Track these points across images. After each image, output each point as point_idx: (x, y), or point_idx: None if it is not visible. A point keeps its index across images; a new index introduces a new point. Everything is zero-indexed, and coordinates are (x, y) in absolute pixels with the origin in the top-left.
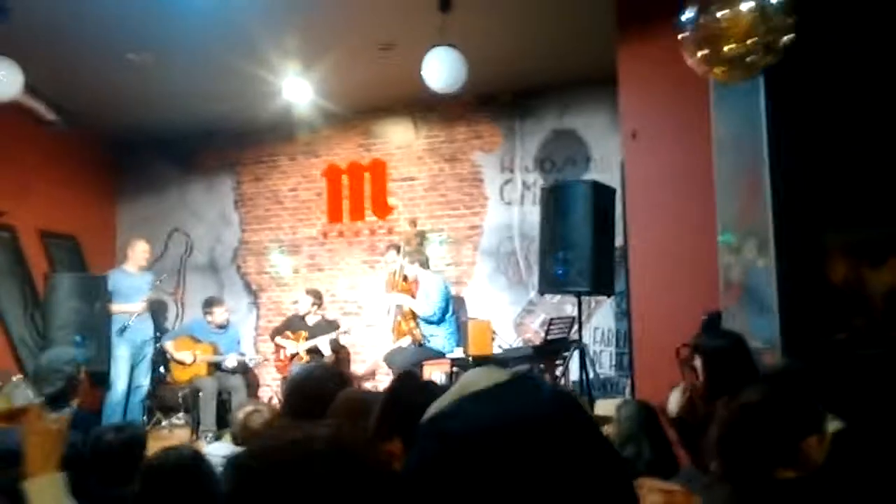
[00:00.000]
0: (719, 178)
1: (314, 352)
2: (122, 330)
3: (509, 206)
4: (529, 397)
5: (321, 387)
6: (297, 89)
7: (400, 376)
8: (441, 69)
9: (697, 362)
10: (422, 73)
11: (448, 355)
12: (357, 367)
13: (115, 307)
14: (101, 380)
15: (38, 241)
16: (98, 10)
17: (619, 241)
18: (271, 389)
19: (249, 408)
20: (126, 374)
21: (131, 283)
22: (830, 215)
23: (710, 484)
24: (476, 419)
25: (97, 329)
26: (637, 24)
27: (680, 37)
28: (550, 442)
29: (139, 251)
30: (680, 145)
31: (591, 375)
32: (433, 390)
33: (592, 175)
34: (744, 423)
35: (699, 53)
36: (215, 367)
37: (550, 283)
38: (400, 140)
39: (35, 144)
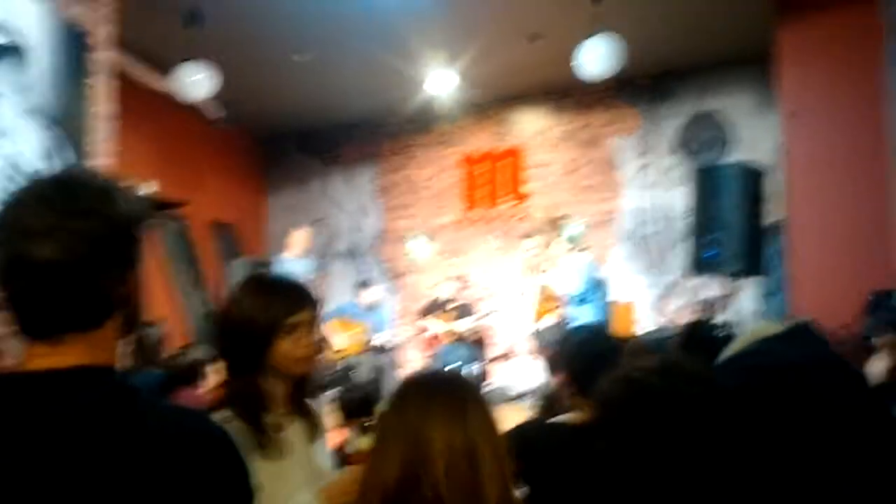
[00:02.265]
0: None
1: (456, 333)
2: None
3: (647, 189)
4: (814, 343)
5: (600, 343)
6: (441, 81)
7: (696, 321)
8: (599, 57)
9: (879, 340)
10: (578, 61)
11: None
12: (495, 349)
13: None
14: None
15: (207, 230)
16: (271, 14)
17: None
18: (413, 369)
19: None
20: None
21: (293, 267)
22: None
23: None
24: (775, 357)
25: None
26: (797, 3)
27: None
28: (838, 376)
29: (298, 238)
30: (846, 124)
31: None
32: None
33: (737, 156)
34: None
35: None
36: (365, 346)
37: (701, 265)
38: (535, 127)
39: (202, 140)
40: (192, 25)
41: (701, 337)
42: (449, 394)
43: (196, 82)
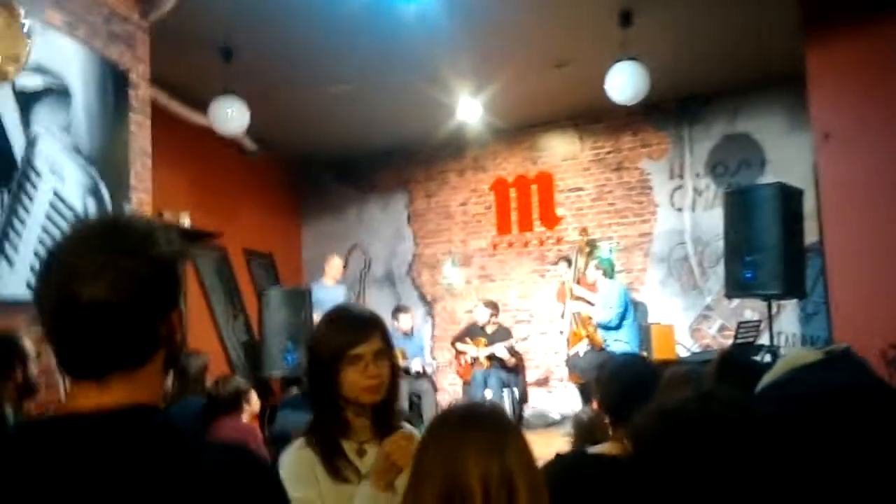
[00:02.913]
0: None
1: (493, 358)
2: None
3: (680, 212)
4: (853, 368)
5: (636, 372)
6: (469, 109)
7: (732, 347)
8: (626, 83)
9: None
10: (605, 87)
11: None
12: (531, 374)
13: (318, 318)
14: None
15: (243, 259)
16: (304, 49)
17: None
18: (449, 395)
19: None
20: None
21: (329, 295)
22: None
23: None
24: (814, 385)
25: (303, 337)
26: (825, 25)
27: None
28: (878, 402)
29: (334, 266)
30: (880, 145)
31: None
32: (759, 363)
33: (770, 177)
34: None
35: None
36: (404, 372)
37: (738, 287)
38: (566, 152)
39: (238, 172)
40: (227, 61)
41: (736, 365)
42: (485, 426)
43: (231, 117)
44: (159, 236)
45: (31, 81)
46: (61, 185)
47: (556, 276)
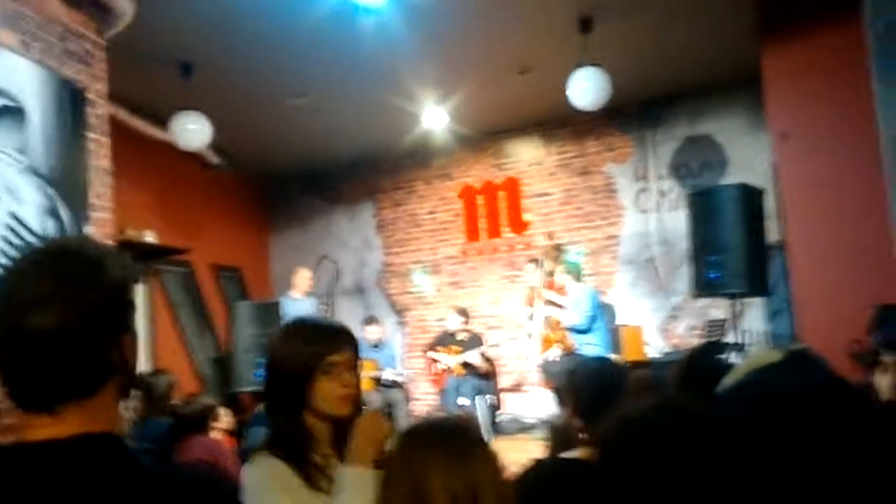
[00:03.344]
0: (893, 174)
1: (466, 365)
2: None
3: (646, 214)
4: (814, 368)
5: (606, 377)
6: (434, 117)
7: (696, 349)
8: (587, 89)
9: (887, 357)
10: (567, 93)
11: None
12: (504, 380)
13: None
14: None
15: (211, 274)
16: (264, 62)
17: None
18: (422, 404)
19: (440, 416)
20: None
21: (298, 307)
22: None
23: None
24: (775, 386)
25: None
26: (780, 26)
27: None
28: (839, 403)
29: (301, 278)
30: (837, 143)
31: None
32: (722, 364)
33: (732, 177)
34: None
35: None
36: (376, 382)
37: (704, 287)
38: (531, 157)
39: (203, 186)
40: (187, 76)
41: (698, 369)
42: (450, 441)
43: (193, 131)
44: (109, 261)
45: None
46: (18, 206)
47: (525, 281)
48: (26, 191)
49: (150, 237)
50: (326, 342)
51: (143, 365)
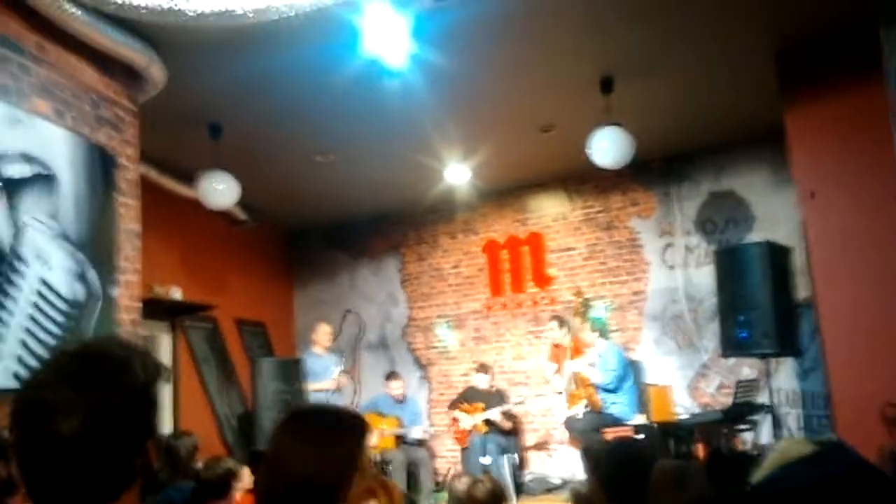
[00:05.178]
0: None
1: (489, 423)
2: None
3: (672, 269)
4: (846, 461)
5: (638, 461)
6: (458, 174)
7: (716, 449)
8: (609, 148)
9: None
10: (589, 151)
11: (629, 422)
12: (529, 437)
13: (310, 387)
14: None
15: (235, 329)
16: (290, 121)
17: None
18: (447, 461)
19: (466, 478)
20: None
21: (321, 363)
22: None
23: None
24: (806, 481)
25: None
26: (803, 85)
27: None
28: (872, 497)
29: (322, 333)
30: (864, 201)
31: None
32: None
33: (758, 233)
34: None
35: None
36: (401, 440)
37: (734, 347)
38: (555, 212)
39: (228, 242)
40: (215, 137)
41: (724, 461)
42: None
43: (221, 191)
44: (134, 363)
45: (17, 170)
46: (48, 271)
47: (549, 337)
48: (56, 256)
49: (176, 293)
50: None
51: (166, 420)
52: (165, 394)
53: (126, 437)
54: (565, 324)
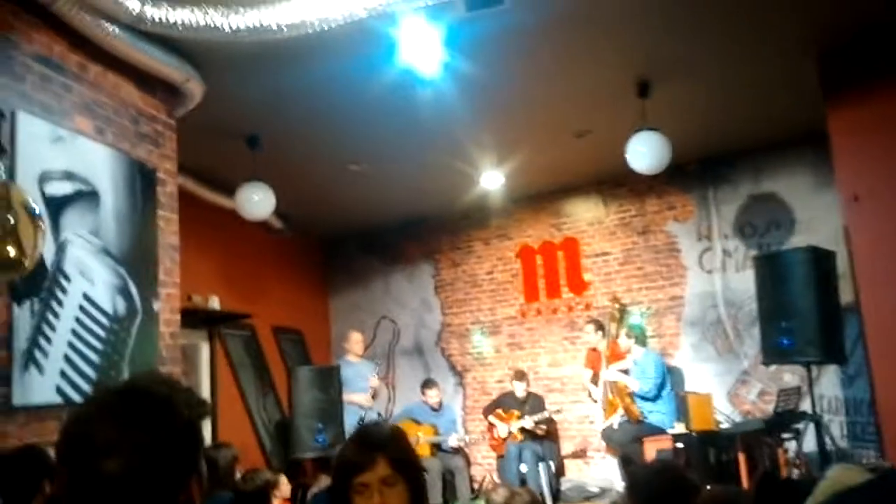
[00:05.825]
0: None
1: (526, 431)
2: (361, 421)
3: (710, 274)
4: None
5: (683, 489)
6: (492, 179)
7: (765, 473)
8: (646, 153)
9: None
10: (626, 157)
11: (669, 431)
12: (566, 445)
13: (346, 396)
14: None
15: (272, 337)
16: (326, 131)
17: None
18: (483, 468)
19: (504, 490)
20: None
21: (355, 371)
22: None
23: None
24: None
25: (333, 416)
26: (846, 86)
27: None
28: None
29: (354, 342)
30: None
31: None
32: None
33: (799, 237)
34: None
35: None
36: (437, 448)
37: (776, 354)
38: (590, 217)
39: (265, 250)
40: (253, 148)
41: (774, 487)
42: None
43: (257, 202)
44: (177, 401)
45: (59, 188)
46: (90, 287)
47: (585, 342)
48: (98, 271)
49: (214, 302)
50: (355, 460)
51: (205, 426)
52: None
53: (169, 475)
54: (602, 328)
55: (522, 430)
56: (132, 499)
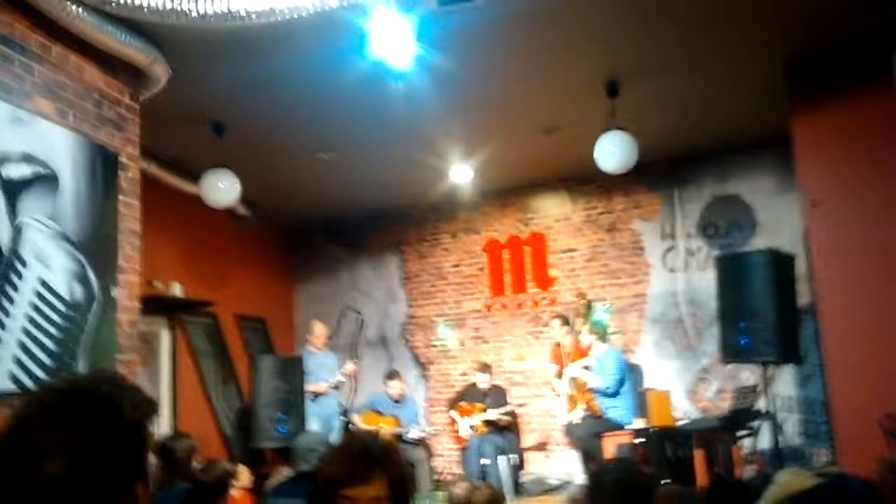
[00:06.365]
0: None
1: (490, 423)
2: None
3: (673, 273)
4: (847, 495)
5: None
6: (460, 173)
7: (718, 476)
8: (614, 152)
9: None
10: (595, 156)
11: (628, 427)
12: (528, 438)
13: (309, 386)
14: None
15: (235, 325)
16: (293, 119)
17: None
18: (444, 460)
19: (465, 484)
20: None
21: (318, 361)
22: None
23: None
24: None
25: (295, 405)
26: (811, 93)
27: None
28: None
29: (317, 331)
30: (869, 211)
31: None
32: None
33: (761, 238)
34: None
35: None
36: (398, 440)
37: (734, 354)
38: (558, 213)
39: (229, 238)
40: (218, 134)
41: (726, 489)
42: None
43: (222, 189)
44: (124, 401)
45: (17, 171)
46: (47, 272)
47: (550, 337)
48: (56, 257)
49: (176, 289)
50: (351, 474)
51: (165, 414)
52: (164, 386)
53: (113, 478)
54: (568, 323)
55: (486, 422)
56: (72, 501)
